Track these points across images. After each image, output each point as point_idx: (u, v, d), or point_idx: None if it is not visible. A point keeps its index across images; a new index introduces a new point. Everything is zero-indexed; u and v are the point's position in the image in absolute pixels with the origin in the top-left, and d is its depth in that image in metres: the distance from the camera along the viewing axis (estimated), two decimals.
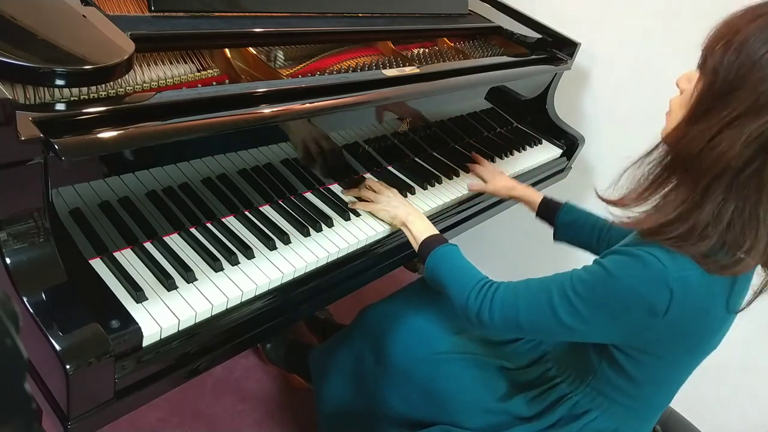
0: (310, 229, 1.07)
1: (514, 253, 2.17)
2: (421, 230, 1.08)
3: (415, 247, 1.07)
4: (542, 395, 1.02)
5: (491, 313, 0.89)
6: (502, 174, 1.44)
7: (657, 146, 0.82)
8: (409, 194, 1.28)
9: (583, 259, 0.97)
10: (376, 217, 1.16)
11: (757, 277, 0.84)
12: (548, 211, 1.30)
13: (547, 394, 1.01)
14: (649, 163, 0.82)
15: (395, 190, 1.20)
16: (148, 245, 0.92)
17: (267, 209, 1.09)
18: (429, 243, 1.04)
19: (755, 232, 0.73)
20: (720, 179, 0.72)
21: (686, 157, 0.74)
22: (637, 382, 0.91)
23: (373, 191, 1.19)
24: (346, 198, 1.19)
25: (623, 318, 0.81)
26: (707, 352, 0.90)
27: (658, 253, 0.77)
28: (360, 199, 1.19)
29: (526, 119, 1.80)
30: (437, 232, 1.07)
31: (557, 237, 1.30)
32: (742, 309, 0.85)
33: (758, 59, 0.67)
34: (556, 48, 1.71)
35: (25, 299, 0.71)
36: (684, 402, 1.14)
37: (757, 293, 0.83)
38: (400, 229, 1.14)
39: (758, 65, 0.67)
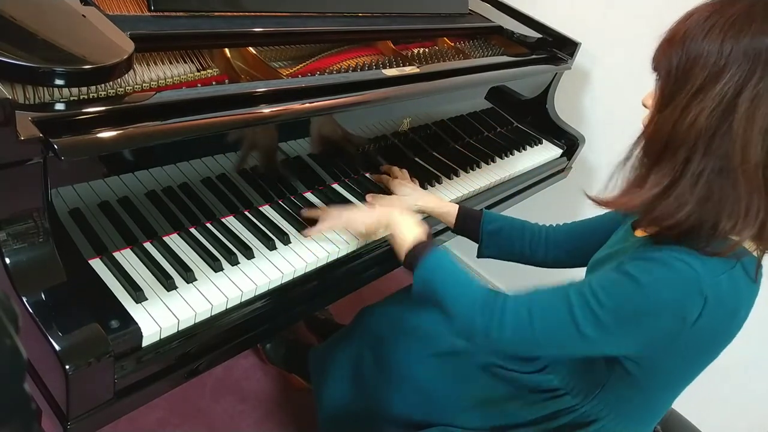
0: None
1: None
2: (406, 234, 0.96)
3: (400, 254, 0.97)
4: (544, 402, 1.01)
5: (501, 329, 0.84)
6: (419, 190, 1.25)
7: (634, 148, 0.85)
8: None
9: None
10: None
11: None
12: (470, 221, 1.18)
13: (550, 402, 1.00)
14: (631, 163, 0.85)
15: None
16: (148, 245, 0.92)
17: (267, 209, 1.09)
18: (416, 251, 0.94)
19: (732, 189, 0.75)
20: (695, 148, 0.76)
21: (662, 136, 0.79)
22: (647, 390, 0.90)
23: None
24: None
25: (651, 327, 0.79)
26: (724, 349, 0.89)
27: (687, 258, 0.76)
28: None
29: (527, 119, 1.80)
30: (423, 234, 0.97)
31: (483, 251, 1.19)
32: (759, 273, 0.84)
33: (700, 43, 0.75)
34: (556, 48, 1.71)
35: (24, 299, 0.71)
36: (684, 402, 1.14)
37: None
38: None
39: (702, 48, 0.75)
